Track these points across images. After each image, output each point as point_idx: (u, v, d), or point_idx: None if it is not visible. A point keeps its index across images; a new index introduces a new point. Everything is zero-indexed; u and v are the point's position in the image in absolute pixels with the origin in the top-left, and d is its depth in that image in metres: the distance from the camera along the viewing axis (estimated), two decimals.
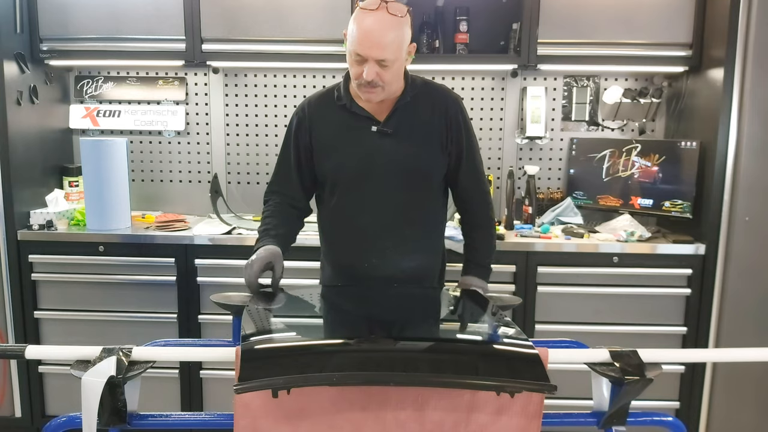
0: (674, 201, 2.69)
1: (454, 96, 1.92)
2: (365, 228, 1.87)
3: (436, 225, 1.99)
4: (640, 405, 1.49)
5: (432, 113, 1.86)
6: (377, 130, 1.82)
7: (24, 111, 2.73)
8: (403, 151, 1.83)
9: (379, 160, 1.83)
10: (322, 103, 1.91)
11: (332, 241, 1.98)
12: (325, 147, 1.88)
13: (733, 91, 2.48)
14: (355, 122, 1.84)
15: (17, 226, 2.65)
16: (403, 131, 1.83)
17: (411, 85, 1.85)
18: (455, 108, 1.88)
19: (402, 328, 1.61)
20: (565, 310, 2.62)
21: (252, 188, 3.18)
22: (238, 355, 1.26)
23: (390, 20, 1.68)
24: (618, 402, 1.36)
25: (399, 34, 1.70)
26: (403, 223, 1.88)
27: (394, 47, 1.69)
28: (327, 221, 1.98)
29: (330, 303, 1.88)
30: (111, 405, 1.29)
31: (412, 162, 1.84)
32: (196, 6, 2.73)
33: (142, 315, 2.68)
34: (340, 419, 1.29)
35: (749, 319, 2.57)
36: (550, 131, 3.08)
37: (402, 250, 1.88)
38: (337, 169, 1.87)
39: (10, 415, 2.78)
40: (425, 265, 1.95)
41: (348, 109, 1.85)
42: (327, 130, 1.88)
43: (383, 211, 1.86)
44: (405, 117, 1.84)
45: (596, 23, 2.70)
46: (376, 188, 1.85)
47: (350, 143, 1.85)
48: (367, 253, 1.88)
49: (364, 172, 1.84)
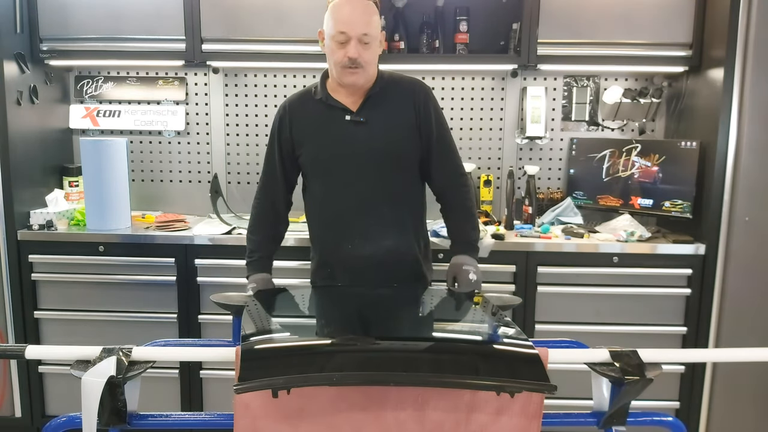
0: (674, 201, 2.69)
1: (420, 83, 2.06)
2: (345, 209, 2.01)
3: (415, 206, 2.09)
4: (640, 405, 1.49)
5: (401, 100, 2.01)
6: (350, 119, 1.97)
7: (24, 111, 2.73)
8: (376, 137, 1.97)
9: (354, 147, 1.97)
10: (301, 101, 2.07)
11: (317, 226, 2.11)
12: (304, 138, 2.03)
13: (733, 91, 2.48)
14: (330, 113, 1.99)
15: (17, 226, 2.65)
16: (375, 119, 1.97)
17: (380, 77, 2.01)
18: (423, 94, 2.03)
19: (402, 328, 1.61)
20: (565, 310, 2.62)
21: (252, 188, 3.16)
22: (238, 355, 1.26)
23: (364, 3, 1.89)
24: (618, 402, 1.36)
25: (375, 17, 1.91)
26: (380, 202, 2.00)
27: (372, 26, 1.88)
28: (311, 208, 2.11)
29: (330, 303, 1.88)
30: (111, 405, 1.29)
31: (385, 147, 1.98)
32: (196, 6, 2.73)
33: (142, 315, 2.68)
34: (340, 419, 1.29)
35: (749, 319, 2.57)
36: (550, 131, 3.08)
37: (382, 229, 2.00)
38: (315, 157, 2.02)
39: (10, 415, 2.78)
40: (406, 244, 2.04)
41: (324, 102, 2.00)
42: (305, 122, 2.03)
43: (361, 192, 1.99)
44: (376, 106, 1.98)
45: (596, 23, 2.70)
46: (353, 172, 1.98)
47: (326, 132, 2.00)
48: (349, 234, 2.01)
49: (340, 157, 1.99)
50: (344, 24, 1.85)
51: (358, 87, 1.96)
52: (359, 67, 1.88)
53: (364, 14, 1.87)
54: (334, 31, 1.87)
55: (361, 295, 1.93)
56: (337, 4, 1.89)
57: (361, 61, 1.87)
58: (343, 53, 1.87)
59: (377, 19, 1.91)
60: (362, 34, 1.85)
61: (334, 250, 2.04)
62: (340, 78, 1.93)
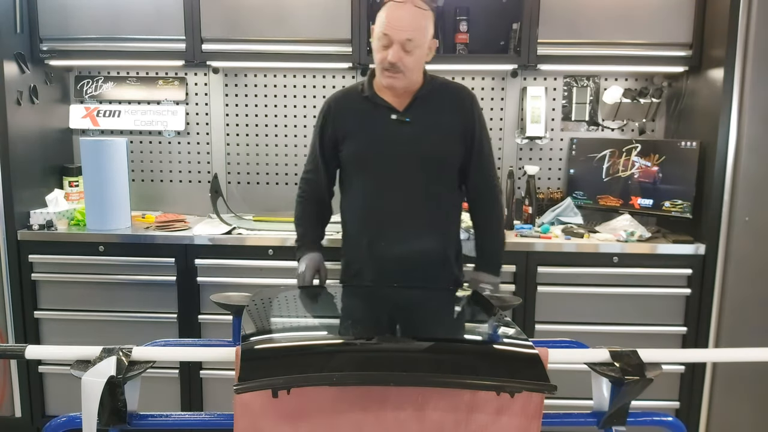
0: (674, 201, 2.69)
1: (468, 90, 2.09)
2: (384, 207, 2.01)
3: (452, 209, 2.12)
4: (640, 405, 1.49)
5: (448, 105, 2.02)
6: (396, 119, 1.98)
7: (24, 111, 2.73)
8: (420, 138, 1.98)
9: (397, 146, 1.97)
10: (347, 97, 2.09)
11: (353, 222, 2.10)
12: (348, 134, 2.03)
13: (733, 91, 2.48)
14: (376, 111, 2.00)
15: (17, 226, 2.65)
16: (420, 120, 1.98)
17: (429, 80, 2.02)
18: (469, 100, 2.05)
19: (402, 328, 1.61)
20: (565, 310, 2.62)
21: (252, 188, 3.19)
22: (238, 355, 1.26)
23: (416, 10, 1.89)
24: (618, 402, 1.36)
25: (424, 24, 1.91)
26: (419, 204, 2.01)
27: (418, 33, 1.88)
28: (348, 204, 2.10)
29: (330, 303, 1.88)
30: (111, 405, 1.29)
31: (429, 149, 1.98)
32: (196, 6, 2.73)
33: (142, 315, 2.68)
34: (340, 419, 1.29)
35: (749, 319, 2.57)
36: (550, 131, 3.08)
37: (418, 231, 2.01)
38: (358, 154, 2.03)
39: (10, 415, 2.78)
40: (439, 247, 2.05)
41: (370, 100, 2.01)
42: (350, 118, 2.04)
43: (401, 192, 2.00)
44: (422, 107, 2.00)
45: (596, 23, 2.70)
46: (395, 172, 1.99)
47: (371, 130, 2.00)
48: (384, 233, 2.01)
49: (383, 156, 1.99)
50: (389, 27, 1.86)
51: (399, 90, 1.96)
52: (398, 71, 1.89)
53: (413, 20, 1.87)
54: (380, 33, 1.89)
55: (362, 295, 1.93)
56: (388, 6, 1.90)
57: (401, 66, 1.88)
58: (384, 55, 1.88)
59: (427, 26, 1.91)
60: (405, 40, 1.85)
61: (367, 248, 2.03)
62: (380, 78, 1.96)
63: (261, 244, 2.61)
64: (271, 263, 2.60)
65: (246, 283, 2.58)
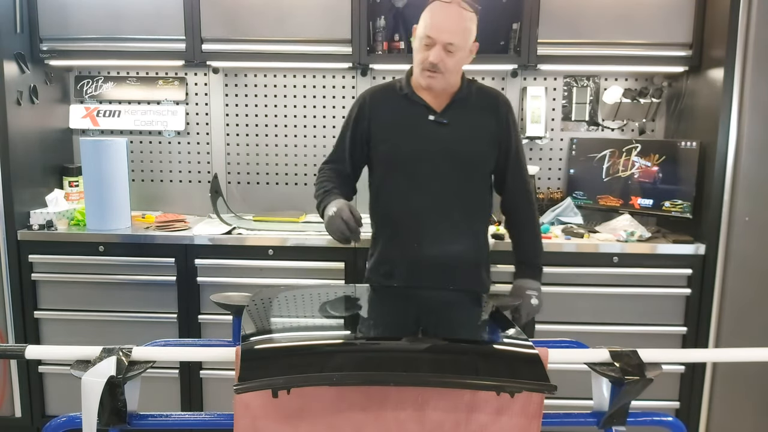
0: (674, 201, 2.69)
1: (504, 97, 2.08)
2: (417, 209, 2.00)
3: (484, 213, 2.12)
4: (640, 405, 1.49)
5: (485, 109, 2.02)
6: (434, 120, 1.97)
7: (24, 111, 2.73)
8: (456, 140, 1.97)
9: (434, 147, 1.97)
10: (384, 93, 2.07)
11: (384, 221, 2.08)
12: (384, 131, 2.02)
13: (733, 91, 2.48)
14: (413, 110, 1.99)
15: (17, 226, 2.65)
16: (458, 123, 1.98)
17: (467, 83, 2.03)
18: (506, 108, 2.05)
19: (402, 328, 1.61)
20: (565, 310, 2.62)
21: (252, 188, 3.19)
22: (238, 355, 1.26)
23: (461, 12, 1.88)
24: (618, 402, 1.36)
25: (468, 26, 1.90)
26: (453, 206, 2.00)
27: (461, 36, 1.88)
28: (380, 202, 2.08)
29: (331, 302, 1.88)
30: (111, 405, 1.29)
31: (464, 152, 1.99)
32: (196, 6, 2.73)
33: (142, 315, 2.68)
34: (340, 419, 1.29)
35: (749, 319, 2.57)
36: (550, 131, 3.08)
37: (451, 233, 2.00)
38: (394, 153, 2.01)
39: (10, 415, 2.78)
40: (471, 250, 2.06)
41: (408, 98, 2.00)
42: (386, 116, 2.02)
43: (437, 194, 1.99)
44: (460, 110, 1.99)
45: (596, 23, 2.70)
46: (430, 173, 1.98)
47: (407, 129, 1.99)
48: (417, 234, 2.00)
49: (419, 156, 1.98)
50: (433, 29, 1.86)
51: (437, 90, 1.96)
52: (438, 72, 1.88)
53: (456, 23, 1.87)
54: (422, 34, 1.88)
55: (363, 295, 1.93)
56: (433, 7, 1.89)
57: (442, 67, 1.87)
58: (425, 56, 1.88)
59: (470, 29, 1.90)
60: (448, 43, 1.85)
61: (398, 248, 2.03)
62: (418, 77, 1.95)
63: (261, 244, 2.61)
64: (271, 263, 2.60)
65: (246, 283, 2.58)
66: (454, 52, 1.87)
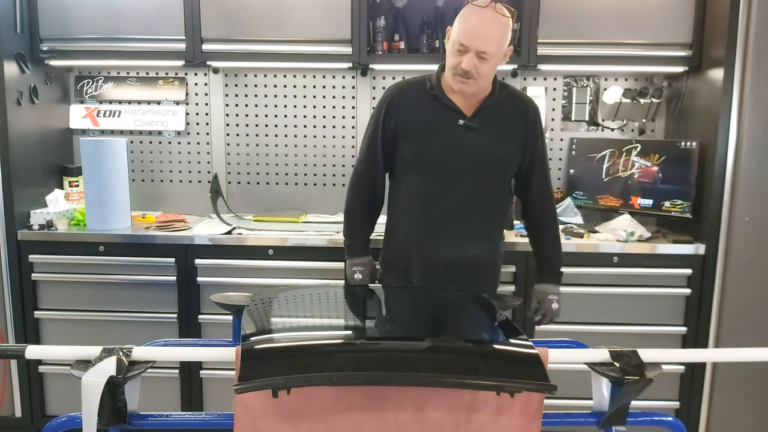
0: (674, 201, 2.69)
1: (533, 103, 2.07)
2: (441, 211, 2.00)
3: (503, 218, 2.14)
4: (640, 405, 1.49)
5: (514, 115, 2.02)
6: (463, 124, 1.96)
7: (24, 111, 2.73)
8: (485, 146, 1.98)
9: (462, 151, 1.96)
10: (412, 91, 2.04)
11: (404, 221, 2.09)
12: (411, 131, 2.00)
13: (733, 91, 2.48)
14: (443, 112, 1.98)
15: (17, 226, 2.65)
16: (487, 128, 1.97)
17: (498, 88, 2.00)
18: (534, 114, 2.05)
19: (403, 328, 1.61)
20: (565, 310, 2.61)
21: (252, 188, 3.19)
22: (238, 355, 1.26)
23: (496, 18, 1.84)
24: (618, 402, 1.36)
25: (502, 32, 1.86)
26: (476, 211, 2.02)
27: (495, 42, 1.84)
28: (401, 201, 2.09)
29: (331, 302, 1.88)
30: (111, 405, 1.29)
31: (491, 158, 1.99)
32: (196, 6, 2.73)
33: (142, 315, 2.68)
34: (340, 419, 1.29)
35: (749, 319, 2.57)
36: (550, 131, 3.08)
37: (471, 237, 2.02)
38: (421, 154, 2.00)
39: (10, 415, 2.78)
40: (489, 254, 2.08)
41: (438, 99, 1.98)
42: (415, 115, 2.00)
43: (460, 198, 2.00)
44: (489, 115, 1.98)
45: (596, 23, 2.70)
46: (456, 177, 1.98)
47: (437, 131, 1.98)
48: (437, 236, 2.01)
49: (446, 160, 1.97)
50: (466, 36, 1.83)
51: (468, 94, 1.95)
52: (471, 78, 1.87)
53: (491, 29, 1.83)
54: (456, 39, 1.86)
55: (364, 295, 1.93)
56: (468, 11, 1.86)
57: (474, 74, 1.85)
58: (458, 61, 1.86)
59: (505, 35, 1.87)
60: (481, 51, 1.83)
61: (417, 248, 2.04)
62: (451, 81, 1.93)
63: (261, 244, 2.61)
64: (271, 263, 2.61)
65: (246, 283, 2.58)
66: (487, 59, 1.84)
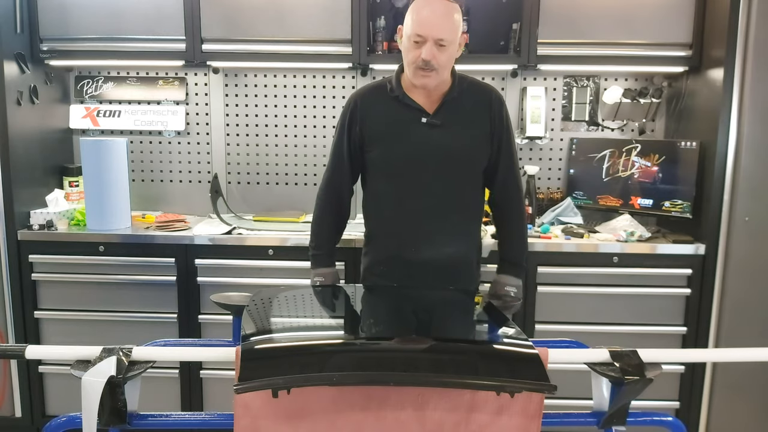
0: (674, 201, 2.69)
1: (497, 93, 2.07)
2: (414, 212, 1.99)
3: (477, 213, 2.12)
4: (640, 405, 1.49)
5: (477, 107, 2.00)
6: (427, 122, 1.95)
7: (24, 111, 2.73)
8: (451, 141, 1.96)
9: (428, 149, 1.96)
10: (374, 94, 2.04)
11: (379, 225, 2.09)
12: (377, 135, 2.00)
13: (733, 91, 2.48)
14: (405, 113, 1.97)
15: (17, 226, 2.65)
16: (451, 123, 1.96)
17: (458, 81, 1.99)
18: (498, 103, 2.04)
19: (403, 328, 1.61)
20: (565, 310, 2.62)
21: (252, 188, 3.19)
22: (238, 355, 1.26)
23: (446, 6, 1.86)
24: (618, 402, 1.36)
25: (455, 19, 1.87)
26: (448, 208, 2.00)
27: (450, 29, 1.85)
28: (374, 205, 2.09)
29: (331, 302, 1.88)
30: (111, 405, 1.29)
31: (459, 152, 1.98)
32: (196, 6, 2.73)
33: (142, 315, 2.68)
34: (340, 419, 1.29)
35: (749, 319, 2.57)
36: (550, 131, 3.08)
37: (447, 236, 2.01)
38: (388, 157, 2.00)
39: (10, 415, 2.78)
40: (466, 251, 2.06)
41: (400, 100, 1.98)
42: (379, 119, 2.00)
43: (432, 197, 1.98)
44: (452, 110, 1.98)
45: (596, 23, 2.70)
46: (425, 175, 1.97)
47: (401, 132, 1.97)
48: (413, 237, 2.00)
49: (414, 159, 1.96)
50: (421, 26, 1.84)
51: (431, 88, 1.94)
52: (433, 69, 1.86)
53: (443, 17, 1.84)
54: (411, 32, 1.86)
55: (364, 294, 1.93)
56: (417, 4, 1.87)
57: (435, 64, 1.85)
58: (417, 54, 1.85)
59: (458, 21, 1.88)
60: (438, 39, 1.83)
61: (394, 250, 2.02)
62: (412, 78, 1.92)
63: (261, 244, 2.61)
64: (271, 263, 2.61)
65: (246, 283, 2.58)
66: (446, 46, 1.85)
